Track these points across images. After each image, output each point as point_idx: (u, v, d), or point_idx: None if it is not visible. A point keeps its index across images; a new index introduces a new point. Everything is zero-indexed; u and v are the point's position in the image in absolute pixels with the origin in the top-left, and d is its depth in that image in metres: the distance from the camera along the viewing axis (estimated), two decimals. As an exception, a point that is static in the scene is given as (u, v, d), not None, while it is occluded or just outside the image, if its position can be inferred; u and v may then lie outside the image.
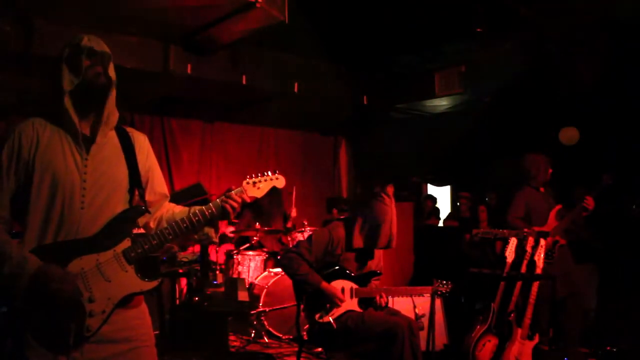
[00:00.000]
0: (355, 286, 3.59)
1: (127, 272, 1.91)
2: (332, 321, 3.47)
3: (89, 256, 1.86)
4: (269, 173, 2.17)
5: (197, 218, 1.99)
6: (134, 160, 2.00)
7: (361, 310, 3.55)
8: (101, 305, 1.84)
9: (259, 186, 2.13)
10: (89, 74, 1.88)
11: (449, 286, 3.66)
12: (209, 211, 2.00)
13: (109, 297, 1.85)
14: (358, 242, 3.60)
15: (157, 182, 2.10)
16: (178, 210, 2.08)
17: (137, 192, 2.02)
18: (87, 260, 1.85)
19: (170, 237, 1.96)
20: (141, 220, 2.04)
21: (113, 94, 1.94)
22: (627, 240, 5.41)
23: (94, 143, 1.93)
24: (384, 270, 3.94)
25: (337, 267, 3.60)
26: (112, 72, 1.94)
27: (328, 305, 3.51)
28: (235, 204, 2.02)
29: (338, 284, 3.56)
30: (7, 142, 1.84)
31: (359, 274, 3.66)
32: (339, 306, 3.50)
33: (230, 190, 2.06)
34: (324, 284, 3.50)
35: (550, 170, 4.92)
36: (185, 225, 1.98)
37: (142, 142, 2.07)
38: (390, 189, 3.75)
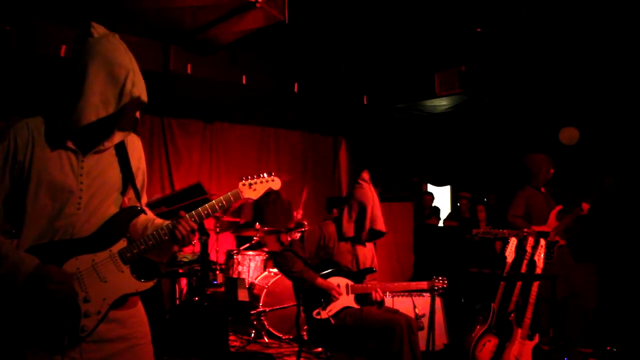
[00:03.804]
0: (350, 283, 3.62)
1: (123, 272, 1.91)
2: (330, 318, 3.49)
3: (85, 256, 1.86)
4: (265, 175, 2.18)
5: (151, 242, 1.95)
6: (126, 162, 1.99)
7: (358, 307, 3.57)
8: (96, 306, 1.83)
9: (254, 188, 2.13)
10: (126, 118, 1.90)
11: (445, 282, 3.70)
12: (163, 232, 1.96)
13: (104, 298, 1.85)
14: (349, 231, 3.68)
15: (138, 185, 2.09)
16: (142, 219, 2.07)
17: (128, 195, 2.02)
18: (82, 260, 1.85)
19: (167, 237, 1.96)
20: None
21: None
22: (627, 240, 5.42)
23: (92, 149, 1.91)
24: (384, 269, 3.95)
25: (333, 265, 3.64)
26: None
27: (325, 300, 3.53)
28: (184, 231, 1.95)
29: (334, 281, 3.59)
30: (1, 144, 1.81)
31: (355, 271, 3.69)
32: (336, 299, 3.52)
33: (177, 217, 1.97)
34: (320, 279, 3.53)
35: (552, 171, 4.93)
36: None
37: (135, 143, 2.06)
38: (364, 174, 3.80)
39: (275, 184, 2.19)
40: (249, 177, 2.14)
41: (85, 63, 1.81)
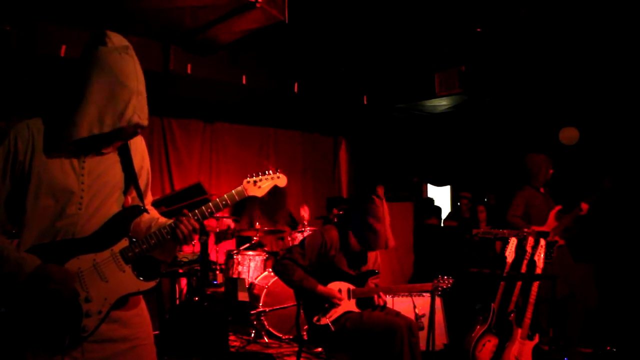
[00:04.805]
0: (352, 287, 3.58)
1: (124, 272, 1.90)
2: (330, 324, 3.46)
3: (86, 256, 1.85)
4: (271, 172, 2.13)
5: (153, 241, 1.94)
6: (129, 162, 1.98)
7: (359, 311, 3.55)
8: (98, 306, 1.83)
9: (260, 185, 2.09)
10: (126, 131, 1.87)
11: (450, 281, 3.65)
12: (165, 231, 1.95)
13: (105, 297, 1.85)
14: (355, 245, 3.58)
15: (142, 185, 2.08)
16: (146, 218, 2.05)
17: (130, 194, 2.01)
18: (84, 260, 1.85)
19: (169, 236, 1.95)
20: None
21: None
22: (627, 239, 5.42)
23: (93, 150, 1.90)
24: (383, 270, 3.93)
25: (333, 270, 3.60)
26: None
27: (327, 305, 3.51)
28: (186, 230, 1.93)
29: (335, 286, 3.55)
30: (2, 145, 1.81)
31: (356, 274, 3.65)
32: (338, 306, 3.50)
33: (180, 216, 1.96)
34: (320, 287, 3.50)
35: (552, 171, 4.93)
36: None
37: (137, 143, 2.04)
38: (380, 190, 3.65)
39: (281, 181, 2.14)
40: (254, 175, 2.10)
41: (91, 73, 1.77)
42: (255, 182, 2.09)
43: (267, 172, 2.13)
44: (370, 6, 4.84)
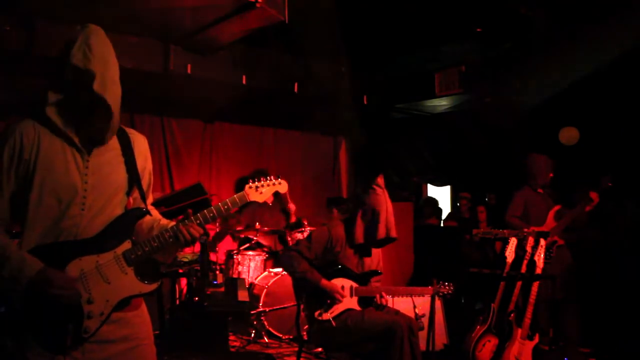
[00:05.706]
0: (355, 285, 3.60)
1: (126, 274, 1.91)
2: (331, 319, 3.48)
3: (89, 257, 1.85)
4: (272, 177, 2.18)
5: (156, 244, 1.95)
6: (133, 163, 1.99)
7: (360, 309, 3.56)
8: (100, 307, 1.83)
9: (261, 191, 2.13)
10: (71, 92, 1.85)
11: (451, 287, 3.66)
12: (168, 234, 1.96)
13: (107, 299, 1.85)
14: (359, 237, 3.61)
15: (144, 186, 2.09)
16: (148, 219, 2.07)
17: (133, 195, 2.02)
18: (86, 262, 1.85)
19: (171, 240, 1.96)
20: None
21: (106, 108, 1.84)
22: (627, 239, 5.41)
23: (96, 146, 1.91)
24: (384, 269, 3.94)
25: (338, 266, 3.61)
26: (99, 86, 1.82)
27: (329, 302, 3.52)
28: (188, 235, 1.95)
29: (338, 282, 3.57)
30: (7, 142, 1.80)
31: (359, 273, 3.66)
32: (340, 302, 3.51)
33: (184, 219, 1.98)
34: (324, 281, 3.51)
35: (551, 174, 4.92)
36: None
37: (141, 144, 2.06)
38: (380, 180, 3.70)
39: (282, 187, 2.19)
40: (256, 180, 2.14)
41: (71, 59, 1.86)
42: (257, 187, 2.13)
43: (268, 177, 2.17)
44: (369, 6, 4.84)
